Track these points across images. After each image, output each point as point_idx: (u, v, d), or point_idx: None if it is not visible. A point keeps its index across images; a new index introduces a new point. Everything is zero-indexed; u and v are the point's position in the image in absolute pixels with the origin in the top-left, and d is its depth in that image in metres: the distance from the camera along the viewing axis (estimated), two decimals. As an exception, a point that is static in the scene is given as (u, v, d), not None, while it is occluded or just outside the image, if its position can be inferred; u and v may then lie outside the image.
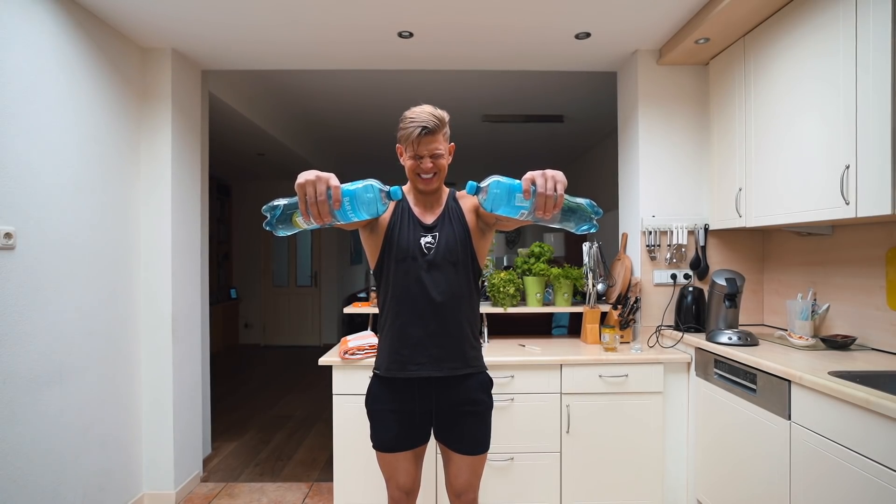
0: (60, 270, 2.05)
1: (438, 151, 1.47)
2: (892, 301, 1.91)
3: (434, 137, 1.46)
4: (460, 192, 1.63)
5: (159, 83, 2.60)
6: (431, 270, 1.52)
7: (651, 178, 2.69)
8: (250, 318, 7.25)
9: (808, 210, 1.92)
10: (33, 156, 1.92)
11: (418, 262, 1.51)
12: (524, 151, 6.12)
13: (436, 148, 1.47)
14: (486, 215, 1.52)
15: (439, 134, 1.47)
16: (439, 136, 1.47)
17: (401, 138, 1.49)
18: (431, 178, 1.50)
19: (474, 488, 1.61)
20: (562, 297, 2.67)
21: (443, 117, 1.49)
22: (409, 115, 1.47)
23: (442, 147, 1.49)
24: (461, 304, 1.55)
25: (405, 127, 1.46)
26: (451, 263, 1.53)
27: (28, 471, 1.88)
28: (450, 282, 1.52)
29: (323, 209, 1.13)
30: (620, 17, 2.32)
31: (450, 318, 1.53)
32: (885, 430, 1.31)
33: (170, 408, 2.60)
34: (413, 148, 1.46)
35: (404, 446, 1.55)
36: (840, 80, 1.75)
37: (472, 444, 1.56)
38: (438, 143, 1.47)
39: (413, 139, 1.44)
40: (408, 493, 1.61)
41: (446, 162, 1.52)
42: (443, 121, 1.48)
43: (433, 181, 1.51)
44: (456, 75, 3.52)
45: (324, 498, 2.67)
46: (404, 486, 1.59)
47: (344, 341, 2.34)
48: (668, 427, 2.34)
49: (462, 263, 1.55)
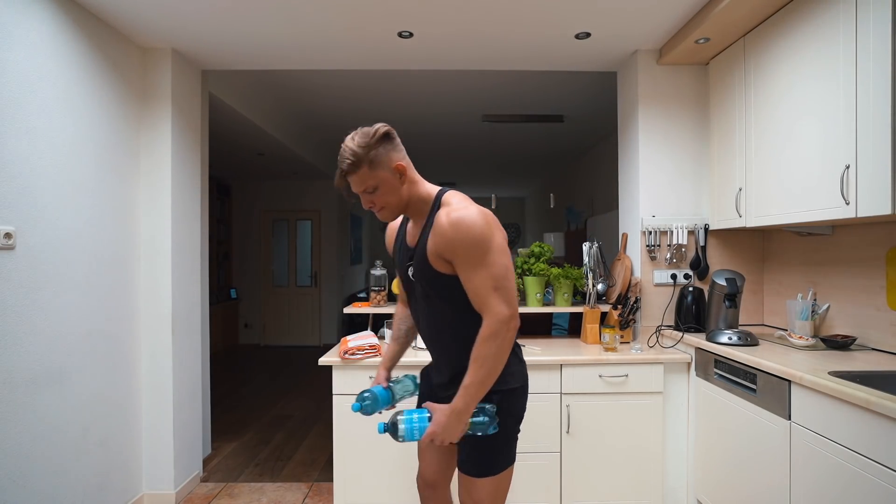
0: (60, 270, 2.05)
1: (368, 188, 1.31)
2: (892, 301, 1.91)
3: (356, 176, 1.30)
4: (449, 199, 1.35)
5: (159, 83, 2.60)
6: (418, 302, 1.45)
7: (651, 178, 2.69)
8: (250, 318, 7.25)
9: (808, 210, 1.92)
10: (33, 156, 1.92)
11: (412, 293, 1.48)
12: (524, 151, 6.12)
13: (364, 186, 1.31)
14: (450, 264, 1.32)
15: (361, 170, 1.29)
16: (362, 172, 1.29)
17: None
18: (382, 212, 1.37)
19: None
20: (562, 297, 2.66)
21: (358, 151, 1.27)
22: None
23: (371, 181, 1.30)
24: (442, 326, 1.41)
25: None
26: (425, 297, 1.41)
27: (28, 471, 1.88)
28: (431, 317, 1.42)
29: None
30: (620, 17, 2.32)
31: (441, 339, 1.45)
32: (885, 430, 1.31)
33: (170, 408, 2.60)
34: (343, 190, 1.35)
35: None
36: (840, 79, 1.75)
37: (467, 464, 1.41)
38: (365, 180, 1.30)
39: (338, 183, 1.34)
40: (430, 485, 1.61)
41: (390, 189, 1.32)
42: (360, 156, 1.28)
43: (385, 214, 1.38)
44: (456, 75, 3.52)
45: (324, 498, 2.67)
46: (425, 475, 1.62)
47: (344, 341, 2.34)
48: (668, 427, 2.34)
49: (436, 300, 1.38)
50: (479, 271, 1.27)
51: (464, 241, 1.25)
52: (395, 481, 2.27)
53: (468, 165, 6.99)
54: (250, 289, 7.24)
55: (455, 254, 1.27)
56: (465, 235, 1.25)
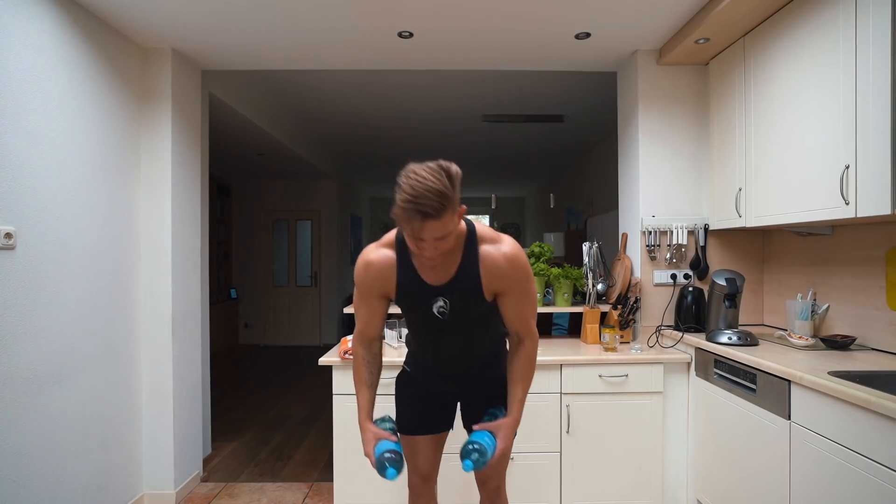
0: (60, 270, 2.05)
1: (443, 235, 1.20)
2: (891, 301, 1.91)
3: (440, 222, 1.17)
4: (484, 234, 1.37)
5: (159, 83, 2.60)
6: (448, 334, 1.47)
7: (651, 178, 2.69)
8: (250, 318, 7.25)
9: (808, 210, 1.92)
10: (33, 156, 1.92)
11: (434, 327, 1.45)
12: (524, 151, 6.13)
13: (444, 232, 1.19)
14: (496, 294, 1.41)
15: (447, 215, 1.17)
16: (447, 217, 1.17)
17: (396, 216, 1.19)
18: (438, 258, 1.27)
19: (499, 476, 1.66)
20: (562, 297, 2.66)
21: (447, 193, 1.15)
22: (406, 188, 1.15)
23: (449, 227, 1.20)
24: (483, 340, 1.55)
25: (402, 207, 1.16)
26: (467, 326, 1.46)
27: (28, 470, 1.88)
28: (468, 340, 1.51)
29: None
30: (620, 17, 2.32)
31: (475, 350, 1.56)
32: (885, 430, 1.31)
33: (170, 408, 2.60)
34: (411, 231, 1.19)
35: (425, 430, 1.63)
36: (840, 79, 1.75)
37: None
38: (447, 225, 1.18)
39: (411, 225, 1.18)
40: (425, 478, 1.67)
41: (454, 233, 1.24)
42: (448, 198, 1.16)
43: (439, 259, 1.28)
44: (456, 75, 3.52)
45: (324, 498, 2.67)
46: (422, 470, 1.66)
47: (344, 341, 2.34)
48: (668, 427, 2.34)
49: (480, 324, 1.49)
50: (526, 300, 1.44)
51: (518, 276, 1.39)
52: (395, 481, 2.27)
53: (468, 165, 6.99)
54: (250, 289, 7.24)
55: (510, 287, 1.40)
56: (520, 272, 1.39)
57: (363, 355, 1.54)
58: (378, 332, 1.55)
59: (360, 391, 1.54)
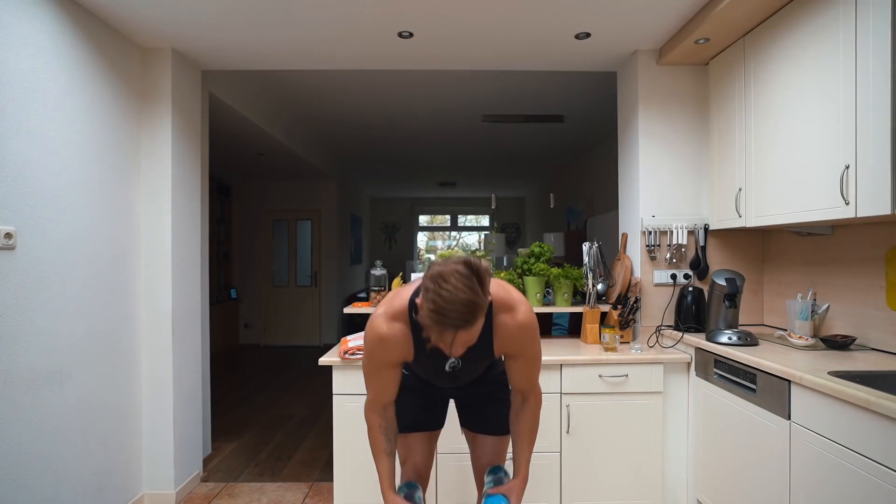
0: (60, 270, 2.05)
1: (474, 338, 1.22)
2: (891, 301, 1.91)
3: (473, 329, 1.18)
4: (500, 301, 1.39)
5: (159, 83, 2.60)
6: (454, 380, 1.56)
7: (651, 178, 2.69)
8: (250, 318, 7.25)
9: (808, 210, 1.92)
10: (33, 156, 1.92)
11: (440, 378, 1.54)
12: (524, 151, 6.12)
13: (471, 337, 1.21)
14: (505, 353, 1.48)
15: (479, 320, 1.18)
16: (477, 325, 1.18)
17: (423, 323, 1.19)
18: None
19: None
20: (562, 297, 2.66)
21: (479, 303, 1.15)
22: (437, 299, 1.13)
23: (479, 328, 1.20)
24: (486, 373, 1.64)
25: (432, 318, 1.15)
26: (473, 372, 1.56)
27: (28, 471, 1.88)
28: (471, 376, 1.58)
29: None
30: (620, 17, 2.32)
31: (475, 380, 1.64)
32: (885, 430, 1.31)
33: (170, 408, 2.60)
34: (440, 338, 1.20)
35: (423, 428, 1.67)
36: (840, 78, 1.75)
37: (497, 427, 1.65)
38: (476, 330, 1.20)
39: (441, 336, 1.18)
40: (421, 475, 1.69)
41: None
42: (480, 307, 1.16)
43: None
44: (456, 75, 3.52)
45: (324, 498, 2.67)
46: (419, 466, 1.68)
47: (344, 341, 2.34)
48: (668, 427, 2.34)
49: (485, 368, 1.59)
50: (533, 361, 1.49)
51: (528, 340, 1.44)
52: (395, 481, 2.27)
53: (468, 165, 6.99)
54: (250, 289, 7.24)
55: (520, 351, 1.46)
56: (530, 336, 1.44)
57: (379, 423, 1.49)
58: (392, 397, 1.50)
59: (380, 460, 1.49)
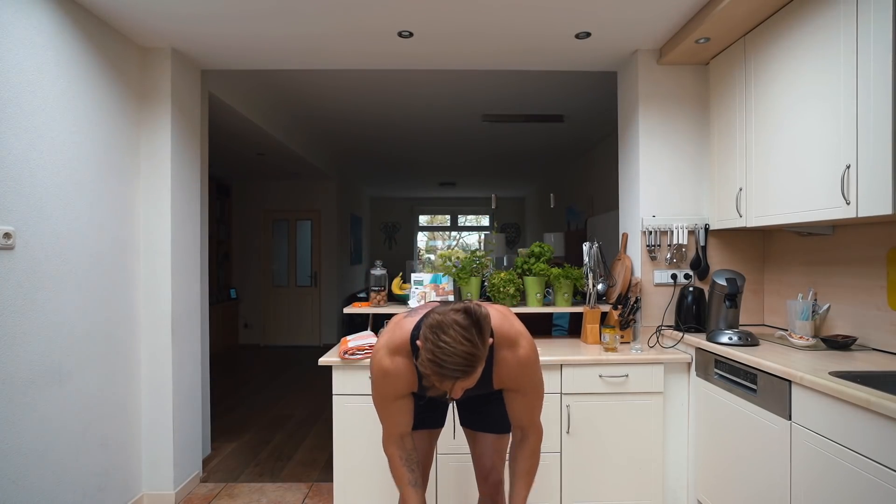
0: (60, 270, 2.05)
1: (473, 384, 1.24)
2: (892, 301, 1.91)
3: (474, 376, 1.20)
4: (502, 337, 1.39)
5: (159, 83, 2.60)
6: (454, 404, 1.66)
7: (651, 178, 2.69)
8: (250, 318, 7.25)
9: (809, 210, 1.92)
10: (33, 155, 1.92)
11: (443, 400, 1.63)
12: (524, 151, 6.12)
13: (471, 384, 1.23)
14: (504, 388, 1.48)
15: (479, 368, 1.20)
16: (477, 373, 1.21)
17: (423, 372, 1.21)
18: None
19: (499, 469, 1.71)
20: (562, 298, 2.66)
21: (479, 354, 1.18)
22: (437, 352, 1.16)
23: (479, 374, 1.22)
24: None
25: (431, 370, 1.17)
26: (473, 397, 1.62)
27: (27, 471, 1.88)
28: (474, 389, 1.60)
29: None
30: (620, 16, 2.32)
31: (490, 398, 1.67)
32: (886, 430, 1.31)
33: (170, 408, 2.60)
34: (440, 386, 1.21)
35: (426, 426, 1.68)
36: (841, 79, 1.75)
37: (498, 425, 1.67)
38: (476, 378, 1.21)
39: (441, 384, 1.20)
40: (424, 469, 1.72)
41: None
42: (480, 357, 1.18)
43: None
44: (456, 75, 3.52)
45: (324, 498, 2.67)
46: (422, 464, 1.68)
47: (344, 341, 2.34)
48: (668, 427, 2.34)
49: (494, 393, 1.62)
50: (533, 396, 1.49)
51: (527, 375, 1.45)
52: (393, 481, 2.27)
53: (468, 165, 6.99)
54: (250, 289, 7.24)
55: (519, 385, 1.46)
56: (531, 371, 1.45)
57: (399, 454, 1.47)
58: (408, 428, 1.48)
59: (407, 495, 1.45)
